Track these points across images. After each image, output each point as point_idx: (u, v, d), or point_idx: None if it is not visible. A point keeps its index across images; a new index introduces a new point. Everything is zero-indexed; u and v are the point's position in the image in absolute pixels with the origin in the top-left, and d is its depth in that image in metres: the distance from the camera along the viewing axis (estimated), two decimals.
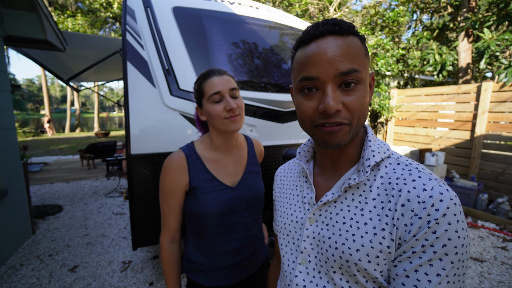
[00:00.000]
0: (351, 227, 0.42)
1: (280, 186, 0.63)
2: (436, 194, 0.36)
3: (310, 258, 0.48)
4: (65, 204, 3.53)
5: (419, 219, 0.36)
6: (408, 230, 0.37)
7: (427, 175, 0.40)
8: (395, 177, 0.42)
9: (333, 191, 0.46)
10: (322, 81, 0.40)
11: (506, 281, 1.95)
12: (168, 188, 0.78)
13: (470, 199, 3.31)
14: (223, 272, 0.82)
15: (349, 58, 0.39)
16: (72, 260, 2.20)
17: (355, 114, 0.40)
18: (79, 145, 9.64)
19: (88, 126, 22.54)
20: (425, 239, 0.35)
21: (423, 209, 0.36)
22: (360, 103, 0.40)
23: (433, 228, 0.35)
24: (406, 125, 4.72)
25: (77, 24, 7.80)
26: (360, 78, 0.40)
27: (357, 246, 0.41)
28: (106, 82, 4.84)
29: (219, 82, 0.77)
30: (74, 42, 2.91)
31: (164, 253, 0.81)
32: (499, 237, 2.65)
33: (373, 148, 0.45)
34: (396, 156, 0.46)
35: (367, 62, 0.43)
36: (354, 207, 0.43)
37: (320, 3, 6.11)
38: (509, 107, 3.33)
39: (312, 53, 0.40)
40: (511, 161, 3.31)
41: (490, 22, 3.95)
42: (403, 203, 0.38)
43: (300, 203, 0.53)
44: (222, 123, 0.77)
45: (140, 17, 1.52)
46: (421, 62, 4.99)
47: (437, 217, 0.35)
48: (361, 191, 0.44)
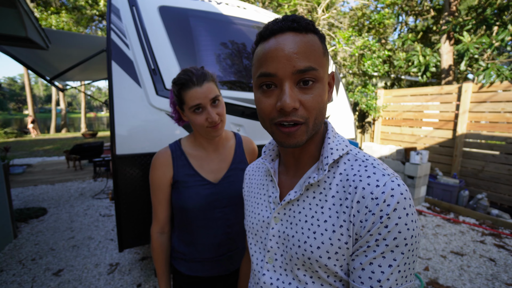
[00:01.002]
0: (312, 225, 0.43)
1: (249, 185, 0.63)
2: (388, 189, 0.37)
3: (276, 256, 0.49)
4: (49, 207, 3.42)
5: (372, 215, 0.37)
6: (363, 226, 0.38)
7: (381, 170, 0.40)
8: (352, 173, 0.42)
9: (295, 190, 0.47)
10: (279, 78, 0.39)
11: (483, 273, 2.05)
12: (155, 182, 0.83)
13: (452, 195, 3.44)
14: (201, 264, 0.85)
15: (306, 56, 0.39)
16: (56, 264, 2.14)
17: (311, 113, 0.40)
18: (65, 146, 9.35)
19: (75, 127, 21.88)
20: (378, 233, 0.37)
21: (376, 205, 0.37)
22: (317, 102, 0.40)
23: (385, 222, 0.36)
24: (392, 125, 4.85)
25: (62, 21, 7.56)
26: (317, 77, 0.40)
27: (318, 243, 0.42)
28: (93, 81, 4.72)
29: (199, 95, 0.76)
30: (58, 40, 2.82)
31: (154, 243, 0.87)
32: (478, 232, 2.78)
33: (331, 145, 0.45)
34: (355, 152, 0.46)
35: (325, 60, 0.43)
36: (315, 205, 0.44)
37: (309, 4, 6.19)
38: (487, 107, 3.49)
39: (270, 49, 0.40)
40: (490, 159, 3.47)
41: (469, 26, 4.13)
42: (359, 200, 0.39)
43: (266, 202, 0.54)
44: (203, 131, 0.80)
45: (125, 16, 1.51)
46: (406, 63, 5.14)
47: (388, 212, 0.36)
48: (321, 189, 0.45)
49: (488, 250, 2.40)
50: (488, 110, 3.49)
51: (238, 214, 0.88)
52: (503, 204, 3.37)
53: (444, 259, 2.25)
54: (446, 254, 2.32)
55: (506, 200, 3.33)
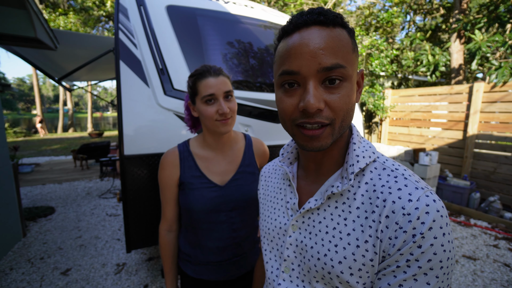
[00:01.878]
0: (333, 237, 0.40)
1: (265, 188, 0.60)
2: (422, 205, 0.34)
3: (293, 266, 0.46)
4: (57, 206, 3.46)
5: (404, 233, 0.34)
6: (393, 243, 0.35)
7: (413, 183, 0.37)
8: (380, 184, 0.39)
9: (316, 198, 0.44)
10: (303, 76, 0.36)
11: (498, 278, 1.99)
12: (163, 181, 0.84)
13: (463, 198, 3.36)
14: (206, 267, 0.84)
15: (334, 52, 0.35)
16: (64, 263, 2.15)
17: (338, 114, 0.37)
18: (72, 145, 9.48)
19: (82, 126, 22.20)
20: (410, 253, 0.34)
21: (408, 222, 0.34)
22: (345, 103, 0.37)
23: (418, 242, 0.33)
24: (400, 125, 4.77)
25: (69, 22, 7.66)
26: (345, 75, 0.36)
27: (339, 258, 0.39)
28: (99, 81, 4.76)
29: (214, 84, 0.77)
30: (66, 40, 2.85)
31: (161, 240, 0.87)
32: (491, 235, 2.70)
33: (357, 152, 0.42)
34: (382, 159, 0.42)
35: (355, 57, 0.39)
36: (337, 216, 0.41)
37: (315, 3, 6.13)
38: (499, 108, 3.40)
39: (293, 45, 0.36)
40: (502, 161, 3.38)
41: (481, 24, 4.03)
42: (388, 215, 0.36)
43: (284, 208, 0.51)
44: (212, 124, 0.78)
45: (133, 16, 1.50)
46: (415, 63, 5.05)
47: (422, 231, 0.33)
48: (344, 199, 0.41)
49: (503, 254, 2.33)
50: (500, 110, 3.40)
51: (244, 218, 0.86)
52: None
53: (456, 263, 2.19)
54: (458, 258, 2.26)
55: None
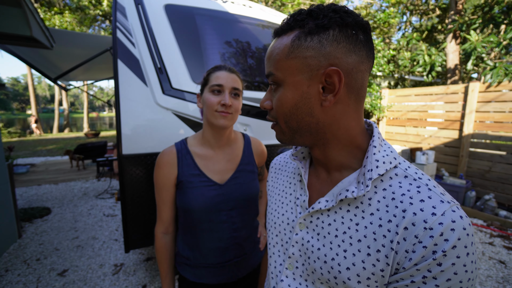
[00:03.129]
0: (343, 242, 0.39)
1: (274, 180, 0.59)
2: (447, 221, 0.31)
3: (297, 264, 0.46)
4: (53, 207, 3.42)
5: (423, 248, 0.32)
6: (409, 257, 0.33)
7: (438, 195, 0.34)
8: (400, 192, 0.36)
9: (327, 198, 0.42)
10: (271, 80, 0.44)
11: (494, 275, 2.02)
12: (159, 182, 0.82)
13: (459, 196, 3.40)
14: (207, 270, 0.82)
15: (270, 62, 0.41)
16: (61, 264, 2.13)
17: (278, 116, 0.42)
18: (68, 145, 9.39)
19: (77, 126, 21.98)
20: (428, 270, 0.32)
21: (430, 237, 0.32)
22: (278, 106, 0.41)
23: (439, 260, 0.31)
24: (397, 125, 4.81)
25: (65, 21, 7.58)
26: (277, 81, 0.41)
27: (348, 264, 0.37)
28: (96, 81, 4.72)
29: (224, 77, 0.79)
30: (62, 39, 2.82)
31: (158, 243, 0.85)
32: (486, 233, 2.73)
33: (377, 156, 0.39)
34: (404, 166, 0.40)
35: (290, 62, 0.38)
36: (349, 220, 0.39)
37: (313, 3, 6.15)
38: (494, 107, 3.44)
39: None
40: (497, 159, 3.42)
41: (476, 24, 4.08)
42: (407, 226, 0.34)
43: (293, 203, 0.50)
44: (212, 114, 0.78)
45: (131, 15, 1.49)
46: (411, 63, 5.10)
47: (445, 249, 0.31)
48: (358, 203, 0.39)
49: (498, 252, 2.36)
50: (495, 110, 3.44)
51: (245, 218, 0.85)
52: (511, 205, 3.32)
53: None
54: None
55: None
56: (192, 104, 1.54)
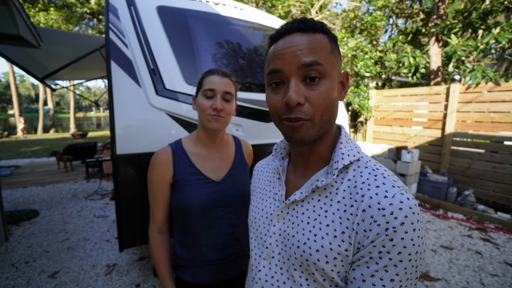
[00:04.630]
0: (314, 227, 0.43)
1: (256, 181, 0.63)
2: (396, 202, 0.36)
3: (274, 254, 0.49)
4: (41, 209, 3.35)
5: (377, 226, 0.36)
6: (367, 235, 0.37)
7: (391, 182, 0.40)
8: (360, 181, 0.42)
9: (301, 191, 0.47)
10: (286, 74, 0.41)
11: (471, 265, 2.15)
12: (154, 181, 0.82)
13: (442, 192, 3.57)
14: (206, 268, 0.83)
15: (311, 52, 0.40)
16: (51, 266, 2.10)
17: (317, 109, 0.41)
18: (54, 146, 9.11)
19: (63, 127, 21.29)
20: (382, 245, 0.36)
21: (382, 216, 0.36)
22: (323, 98, 0.40)
23: (390, 235, 0.36)
24: (384, 124, 4.98)
25: (51, 19, 7.35)
26: (323, 72, 0.41)
27: (317, 246, 0.41)
28: (87, 80, 4.63)
29: (217, 81, 0.81)
30: (50, 38, 2.77)
31: (152, 242, 0.84)
32: (465, 226, 2.90)
33: (343, 150, 0.45)
34: (366, 159, 0.45)
35: (333, 58, 0.43)
36: (319, 208, 0.44)
37: (302, 5, 6.25)
38: (473, 107, 3.64)
39: (277, 48, 0.43)
40: (476, 157, 3.62)
41: (456, 29, 4.29)
42: (364, 209, 0.39)
43: (271, 199, 0.54)
44: (205, 118, 0.81)
45: (124, 16, 1.51)
46: (397, 64, 5.29)
47: (395, 225, 0.35)
48: (327, 193, 0.44)
49: (475, 243, 2.51)
50: (474, 110, 3.64)
51: (241, 214, 0.88)
52: (488, 199, 3.53)
53: (434, 253, 2.35)
54: (436, 249, 2.42)
55: (491, 196, 3.48)
56: (185, 104, 1.57)
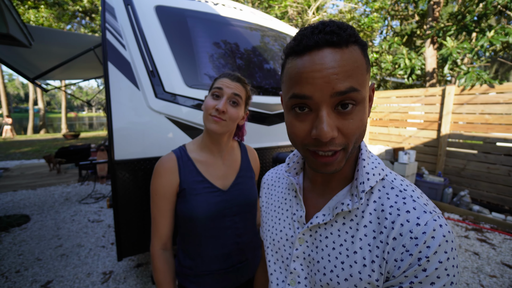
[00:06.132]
0: (340, 254, 0.41)
1: (268, 196, 0.59)
2: (430, 230, 0.35)
3: (299, 279, 0.46)
4: (32, 214, 3.23)
5: (410, 256, 0.35)
6: (398, 266, 0.35)
7: (422, 206, 0.37)
8: (388, 204, 0.39)
9: (324, 212, 0.43)
10: (316, 102, 0.35)
11: (469, 266, 2.17)
12: (159, 191, 0.77)
13: (438, 193, 3.61)
14: (209, 277, 0.81)
15: (348, 75, 0.34)
16: (44, 275, 2.02)
17: (351, 139, 0.36)
18: (45, 147, 8.87)
19: (54, 127, 20.80)
20: (415, 276, 0.34)
21: (415, 245, 0.35)
22: (358, 127, 0.36)
23: (423, 265, 0.34)
24: (380, 125, 5.01)
25: (41, 16, 7.14)
26: (358, 98, 0.35)
27: (346, 275, 0.39)
28: (84, 80, 4.51)
29: (225, 83, 0.79)
30: (40, 37, 2.67)
31: (156, 261, 0.77)
32: (462, 227, 2.93)
33: (367, 169, 0.41)
34: (391, 178, 0.43)
35: (368, 77, 0.38)
36: (345, 233, 0.41)
37: (299, 6, 6.25)
38: (468, 109, 3.69)
39: (305, 69, 0.34)
40: (470, 158, 3.67)
41: (451, 31, 4.35)
42: (395, 237, 0.36)
43: (290, 219, 0.50)
44: (206, 117, 0.79)
45: (121, 15, 1.45)
46: (393, 66, 5.34)
47: (428, 255, 0.34)
48: (352, 216, 0.41)
49: (472, 244, 2.54)
50: (469, 111, 3.69)
51: (247, 223, 0.86)
52: (483, 200, 3.58)
53: None
54: None
55: (485, 196, 3.54)
56: (185, 107, 1.52)
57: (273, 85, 1.95)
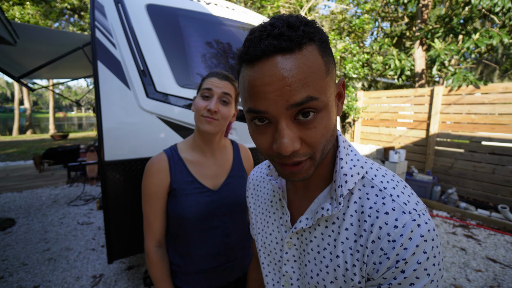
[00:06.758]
0: (324, 258, 0.41)
1: (255, 197, 0.59)
2: (407, 232, 0.34)
3: (292, 281, 0.48)
4: (18, 217, 3.13)
5: (387, 259, 0.34)
6: (377, 269, 0.35)
7: (401, 206, 0.36)
8: (368, 205, 0.38)
9: (307, 216, 0.43)
10: (272, 115, 0.32)
11: (457, 261, 2.24)
12: (151, 191, 0.77)
13: (427, 191, 3.70)
14: (198, 276, 0.82)
15: (303, 84, 0.30)
16: (31, 280, 1.96)
17: (317, 148, 0.34)
18: (32, 149, 8.60)
19: (41, 128, 20.18)
20: (393, 278, 0.34)
21: (392, 248, 0.34)
22: (322, 135, 0.34)
23: (401, 268, 0.34)
24: (371, 125, 5.10)
25: (27, 13, 6.91)
26: (319, 106, 0.32)
27: (331, 278, 0.40)
28: (72, 79, 4.39)
29: (214, 83, 0.78)
30: (26, 35, 2.59)
31: (152, 258, 0.78)
32: (450, 224, 3.02)
33: (345, 169, 0.40)
34: (371, 175, 0.41)
35: (329, 79, 0.34)
36: (328, 236, 0.41)
37: (292, 6, 6.29)
38: (455, 109, 3.80)
39: (255, 82, 0.32)
40: (457, 157, 3.79)
41: (439, 33, 4.48)
42: (374, 240, 0.36)
43: (277, 223, 0.51)
44: (198, 118, 0.78)
45: (111, 13, 1.42)
46: (384, 67, 5.44)
47: (405, 257, 0.33)
48: (334, 219, 0.41)
49: (459, 240, 2.62)
50: (456, 111, 3.80)
51: (237, 222, 0.86)
52: (469, 197, 3.70)
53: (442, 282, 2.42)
54: None
55: (472, 194, 3.66)
56: (177, 107, 1.51)
57: None
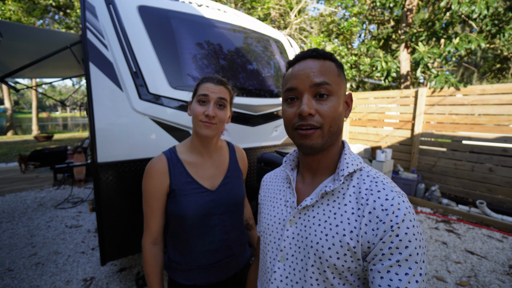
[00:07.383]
0: (325, 228, 0.49)
1: (266, 191, 0.69)
2: (395, 203, 0.44)
3: (288, 256, 0.54)
4: (1, 221, 3.02)
5: (383, 224, 0.43)
6: (375, 233, 0.44)
7: (389, 187, 0.48)
8: (364, 187, 0.49)
9: (311, 197, 0.53)
10: (300, 91, 0.50)
11: (438, 255, 2.36)
12: (150, 191, 0.81)
13: (412, 189, 3.86)
14: (198, 272, 0.85)
15: (322, 74, 0.49)
16: (17, 286, 1.91)
17: (326, 120, 0.48)
18: (14, 150, 8.25)
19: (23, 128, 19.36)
20: (391, 241, 0.42)
21: (386, 215, 0.43)
22: (331, 111, 0.48)
23: (395, 231, 0.42)
24: (359, 125, 5.25)
25: (8, 10, 6.62)
26: (331, 91, 0.49)
27: (329, 244, 0.48)
28: (62, 78, 4.25)
29: (210, 88, 0.82)
30: (9, 33, 2.51)
31: (146, 254, 0.83)
32: (433, 219, 3.17)
33: (347, 160, 0.52)
34: (367, 169, 0.53)
35: (340, 80, 0.51)
36: (329, 211, 0.50)
37: (282, 8, 6.36)
38: (438, 110, 3.98)
39: (294, 70, 0.52)
40: (440, 155, 3.97)
41: (423, 37, 4.67)
42: (370, 211, 0.46)
43: (283, 206, 0.59)
44: (197, 124, 0.82)
45: (102, 14, 1.42)
46: (371, 68, 5.60)
47: (397, 221, 0.43)
48: (335, 197, 0.51)
49: (441, 235, 2.76)
50: (439, 112, 3.98)
51: (234, 220, 0.90)
52: (451, 194, 3.89)
53: None
54: None
55: (453, 190, 3.84)
56: (169, 109, 1.52)
57: (256, 86, 1.99)
